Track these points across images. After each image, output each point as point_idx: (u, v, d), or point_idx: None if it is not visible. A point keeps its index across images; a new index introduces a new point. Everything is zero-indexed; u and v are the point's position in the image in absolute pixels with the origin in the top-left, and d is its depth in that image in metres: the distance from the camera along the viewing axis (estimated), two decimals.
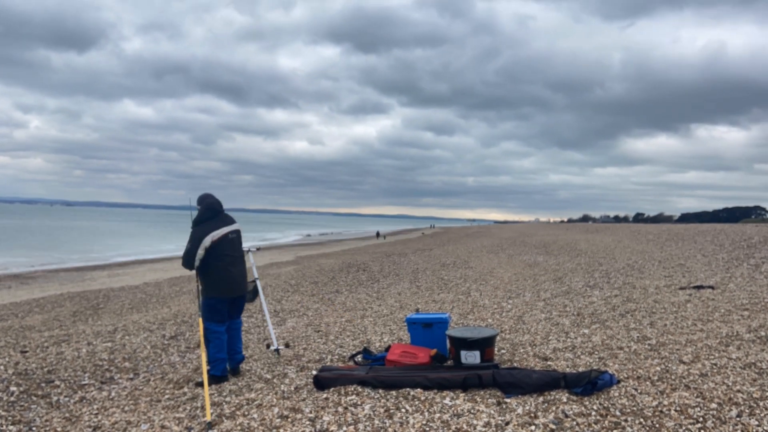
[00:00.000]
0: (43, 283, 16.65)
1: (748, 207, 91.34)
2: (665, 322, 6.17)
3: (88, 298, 11.81)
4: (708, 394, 3.60)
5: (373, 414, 3.51)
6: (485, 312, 7.79)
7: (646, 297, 8.05)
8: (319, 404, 3.77)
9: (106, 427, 4.19)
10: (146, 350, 6.77)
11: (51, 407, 4.86)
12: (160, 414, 4.29)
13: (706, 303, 7.17)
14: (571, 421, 3.29)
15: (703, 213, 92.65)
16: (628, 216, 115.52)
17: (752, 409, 3.35)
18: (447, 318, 5.13)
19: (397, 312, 8.23)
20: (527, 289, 9.92)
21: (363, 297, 10.21)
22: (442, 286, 11.12)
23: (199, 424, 3.86)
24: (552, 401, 3.61)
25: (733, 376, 3.97)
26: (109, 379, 5.72)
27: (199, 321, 5.21)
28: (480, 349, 4.39)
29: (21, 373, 5.63)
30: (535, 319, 7.01)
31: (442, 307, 8.56)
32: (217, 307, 5.11)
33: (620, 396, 3.65)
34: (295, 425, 3.45)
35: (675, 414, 3.33)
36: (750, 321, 5.87)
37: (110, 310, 10.28)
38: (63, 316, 9.69)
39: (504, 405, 3.58)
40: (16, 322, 9.16)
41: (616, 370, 4.28)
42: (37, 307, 10.91)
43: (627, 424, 3.22)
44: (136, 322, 8.68)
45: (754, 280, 9.01)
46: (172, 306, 10.33)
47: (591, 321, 6.64)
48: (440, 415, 3.44)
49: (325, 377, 4.25)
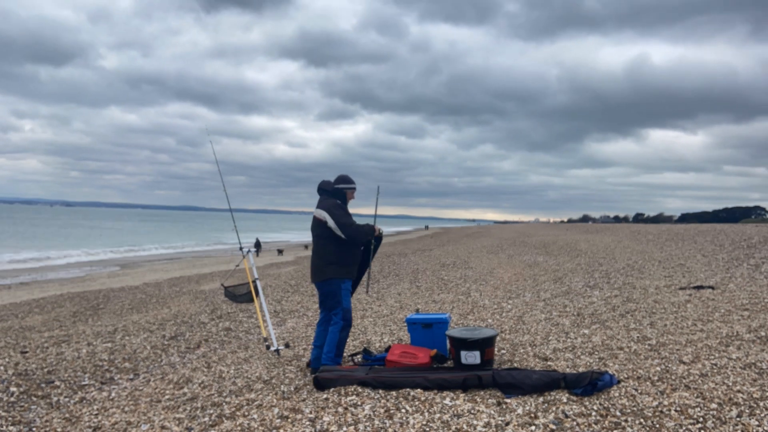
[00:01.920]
0: (43, 283, 16.65)
1: (748, 207, 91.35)
2: (665, 322, 6.16)
3: (88, 299, 11.81)
4: (708, 395, 3.60)
5: (373, 414, 3.50)
6: (485, 312, 7.79)
7: (646, 297, 8.05)
8: (319, 404, 3.77)
9: (106, 427, 4.19)
10: (146, 351, 6.78)
11: (51, 408, 4.86)
12: (160, 414, 4.29)
13: (706, 303, 7.17)
14: (572, 421, 3.29)
15: (703, 213, 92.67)
16: (628, 216, 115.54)
17: (752, 409, 3.35)
18: (447, 318, 5.13)
19: (397, 312, 8.23)
20: (527, 290, 9.92)
21: (363, 297, 10.21)
22: (442, 287, 11.11)
23: (200, 424, 3.86)
24: (552, 401, 3.61)
25: (733, 376, 3.97)
26: (109, 379, 5.72)
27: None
28: (480, 349, 4.38)
29: (21, 374, 5.63)
30: (535, 319, 7.01)
31: (442, 307, 8.56)
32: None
33: (620, 396, 3.65)
34: (295, 425, 3.45)
35: (675, 414, 3.33)
36: (750, 321, 5.87)
37: (110, 310, 10.28)
38: (63, 316, 9.69)
39: (504, 405, 3.58)
40: (16, 322, 9.17)
41: (616, 370, 4.28)
42: (37, 307, 10.91)
43: (627, 425, 3.22)
44: (136, 322, 8.68)
45: (754, 280, 9.01)
46: (172, 306, 10.33)
47: (591, 321, 6.64)
48: (440, 415, 3.44)
49: (325, 378, 4.25)
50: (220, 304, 10.06)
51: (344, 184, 5.14)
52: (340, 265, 4.96)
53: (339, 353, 4.92)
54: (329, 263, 4.95)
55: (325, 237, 4.96)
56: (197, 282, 14.64)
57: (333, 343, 4.89)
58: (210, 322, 8.55)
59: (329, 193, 5.13)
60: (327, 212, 4.92)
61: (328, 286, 4.96)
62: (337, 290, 4.95)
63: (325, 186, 5.15)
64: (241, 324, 8.33)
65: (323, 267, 4.96)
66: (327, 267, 4.94)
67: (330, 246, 4.98)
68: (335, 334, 4.90)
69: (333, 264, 4.95)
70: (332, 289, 4.96)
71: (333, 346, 4.88)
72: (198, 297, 11.34)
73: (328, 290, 4.98)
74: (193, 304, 10.46)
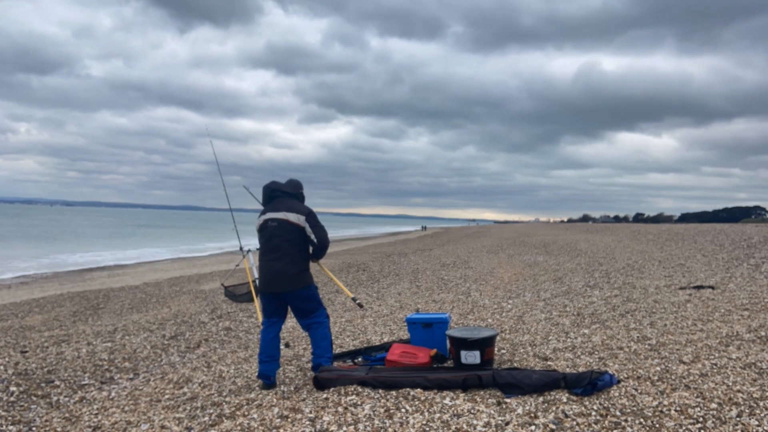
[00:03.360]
0: (43, 282, 16.65)
1: (748, 207, 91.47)
2: (665, 322, 6.16)
3: (88, 298, 11.81)
4: (708, 394, 3.60)
5: (373, 414, 3.50)
6: (485, 312, 7.78)
7: (646, 297, 8.05)
8: (319, 404, 3.77)
9: (106, 427, 4.19)
10: (146, 350, 6.78)
11: (51, 407, 4.87)
12: (160, 414, 4.29)
13: (706, 303, 7.17)
14: (571, 421, 3.29)
15: (703, 213, 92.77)
16: (628, 216, 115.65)
17: (752, 409, 3.35)
18: (447, 318, 5.13)
19: (397, 312, 8.23)
20: (527, 289, 9.92)
21: (363, 297, 10.20)
22: (442, 286, 11.11)
23: (200, 424, 3.86)
24: (552, 401, 3.61)
25: (733, 376, 3.97)
26: (109, 379, 5.72)
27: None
28: (480, 349, 4.38)
29: (21, 373, 5.63)
30: (535, 319, 7.01)
31: (442, 307, 8.56)
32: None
33: (620, 396, 3.65)
34: (295, 425, 3.45)
35: (675, 414, 3.33)
36: (750, 321, 5.86)
37: (110, 310, 10.28)
38: (63, 316, 9.69)
39: (504, 405, 3.58)
40: (16, 322, 9.16)
41: (616, 370, 4.28)
42: (37, 307, 10.91)
43: (627, 424, 3.22)
44: (136, 322, 8.68)
45: (754, 280, 9.01)
46: (172, 306, 10.33)
47: (591, 321, 6.64)
48: (440, 415, 3.44)
49: (325, 377, 4.25)
50: (220, 303, 10.06)
51: (302, 188, 5.03)
52: (308, 270, 4.83)
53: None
54: (303, 269, 4.76)
55: (297, 242, 4.72)
56: (197, 282, 14.64)
57: (328, 342, 4.79)
58: (210, 321, 8.56)
59: (293, 195, 4.91)
60: (305, 217, 4.71)
61: (306, 291, 4.76)
62: (314, 293, 4.82)
63: (288, 188, 4.91)
64: (241, 324, 8.33)
65: (298, 274, 4.69)
66: (302, 273, 4.73)
67: (303, 252, 4.77)
68: (326, 333, 4.80)
69: (305, 270, 4.79)
70: (310, 293, 4.79)
71: (329, 344, 4.80)
72: (198, 297, 11.34)
73: (306, 295, 4.77)
74: (193, 303, 10.46)
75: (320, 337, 4.78)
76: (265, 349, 4.69)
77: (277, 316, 4.85)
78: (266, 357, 4.67)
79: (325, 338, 4.78)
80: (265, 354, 4.67)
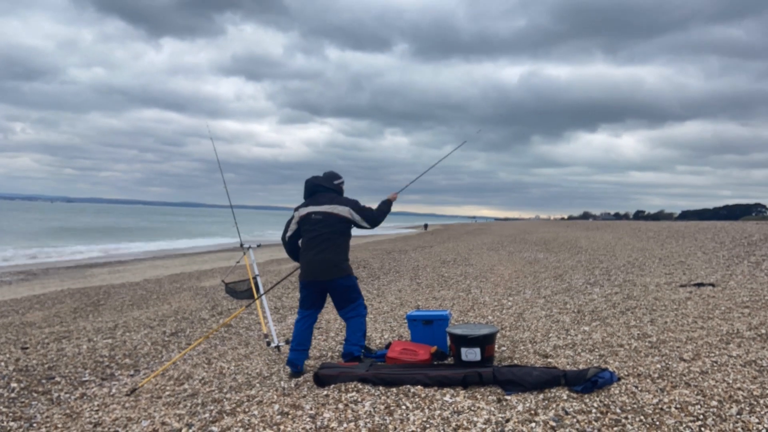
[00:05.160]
0: (43, 279, 16.67)
1: (749, 204, 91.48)
2: (666, 319, 6.16)
3: (89, 295, 11.82)
4: (708, 392, 3.60)
5: (373, 411, 3.51)
6: (486, 309, 7.79)
7: (646, 294, 8.05)
8: (320, 401, 3.77)
9: (106, 423, 4.19)
10: (147, 347, 6.78)
11: (52, 404, 4.87)
12: (161, 410, 4.29)
13: (706, 300, 7.16)
14: (572, 418, 3.29)
15: (703, 210, 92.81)
16: (628, 213, 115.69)
17: (752, 406, 3.35)
18: (447, 315, 5.13)
19: (398, 309, 8.24)
20: (527, 287, 9.93)
21: (363, 294, 10.21)
22: (442, 283, 11.12)
23: (200, 420, 3.86)
24: (552, 398, 3.61)
25: (733, 373, 3.97)
26: (109, 375, 5.73)
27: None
28: (480, 346, 4.38)
29: (21, 370, 5.64)
30: (536, 316, 7.01)
31: (442, 304, 8.57)
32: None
33: (620, 393, 3.65)
34: (296, 422, 3.45)
35: (675, 411, 3.33)
36: (750, 319, 5.86)
37: (111, 306, 10.29)
38: (63, 312, 9.70)
39: (504, 402, 3.59)
40: (17, 318, 9.17)
41: (616, 367, 4.28)
42: (38, 303, 10.92)
43: (627, 422, 3.22)
44: (137, 318, 8.69)
45: (754, 278, 9.00)
46: (172, 302, 10.34)
47: (591, 318, 6.64)
48: (440, 412, 3.44)
49: (326, 374, 4.26)
50: (220, 300, 10.07)
51: (340, 179, 5.21)
52: (349, 261, 5.06)
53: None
54: (345, 259, 5.00)
55: (341, 233, 4.98)
56: (198, 278, 14.65)
57: (362, 333, 4.98)
58: (210, 318, 8.56)
59: (332, 189, 5.14)
60: (349, 208, 4.97)
61: (348, 281, 4.97)
62: (355, 283, 5.02)
63: (324, 182, 5.14)
64: (241, 320, 8.33)
65: (340, 263, 4.93)
66: (343, 263, 4.96)
67: (346, 242, 5.04)
68: (363, 324, 5.00)
69: (347, 260, 5.02)
70: (351, 283, 4.99)
71: (362, 336, 4.98)
72: (198, 293, 11.35)
73: (348, 285, 4.97)
74: (193, 300, 10.47)
75: (357, 327, 4.98)
76: (298, 338, 4.93)
77: (315, 308, 5.08)
78: (298, 345, 4.92)
79: (360, 329, 4.97)
80: (297, 342, 4.92)
